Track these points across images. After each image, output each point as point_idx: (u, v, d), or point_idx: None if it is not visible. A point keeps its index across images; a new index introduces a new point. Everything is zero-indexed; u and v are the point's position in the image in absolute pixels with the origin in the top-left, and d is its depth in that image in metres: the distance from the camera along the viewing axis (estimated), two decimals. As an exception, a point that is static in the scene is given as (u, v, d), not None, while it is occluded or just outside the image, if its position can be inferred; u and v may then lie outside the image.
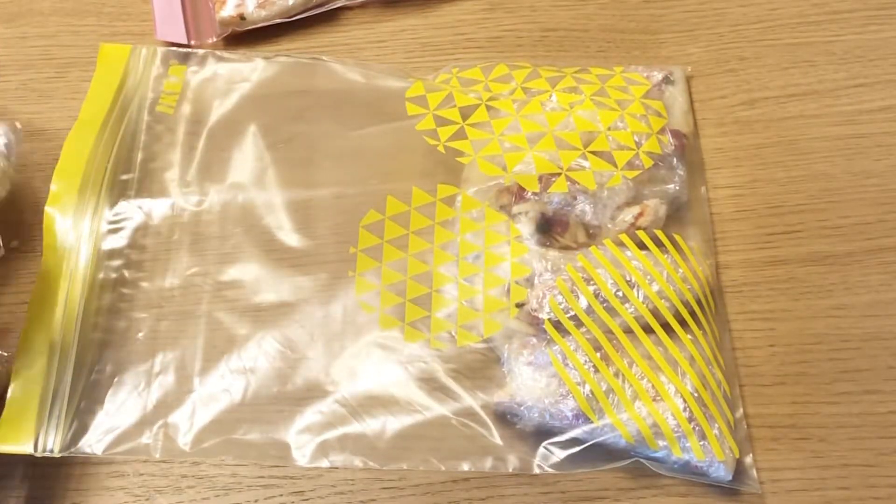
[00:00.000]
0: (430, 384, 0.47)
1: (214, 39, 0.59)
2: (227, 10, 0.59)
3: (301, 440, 0.45)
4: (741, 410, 0.46)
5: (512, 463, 0.45)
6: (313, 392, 0.47)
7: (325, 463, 0.45)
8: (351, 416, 0.46)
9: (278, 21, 0.59)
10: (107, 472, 0.46)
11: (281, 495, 0.45)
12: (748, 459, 0.45)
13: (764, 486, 0.45)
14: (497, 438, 0.45)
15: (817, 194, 0.53)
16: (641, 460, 0.44)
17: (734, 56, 0.59)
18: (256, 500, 0.45)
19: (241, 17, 0.59)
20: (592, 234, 0.50)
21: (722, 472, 0.44)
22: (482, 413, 0.46)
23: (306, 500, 0.45)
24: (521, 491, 0.45)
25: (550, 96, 0.54)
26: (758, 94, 0.57)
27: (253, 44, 0.59)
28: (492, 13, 0.61)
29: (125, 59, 0.56)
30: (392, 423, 0.46)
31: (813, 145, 0.55)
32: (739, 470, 0.45)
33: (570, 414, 0.44)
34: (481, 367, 0.47)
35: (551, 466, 0.44)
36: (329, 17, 0.61)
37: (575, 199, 0.50)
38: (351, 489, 0.45)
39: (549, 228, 0.50)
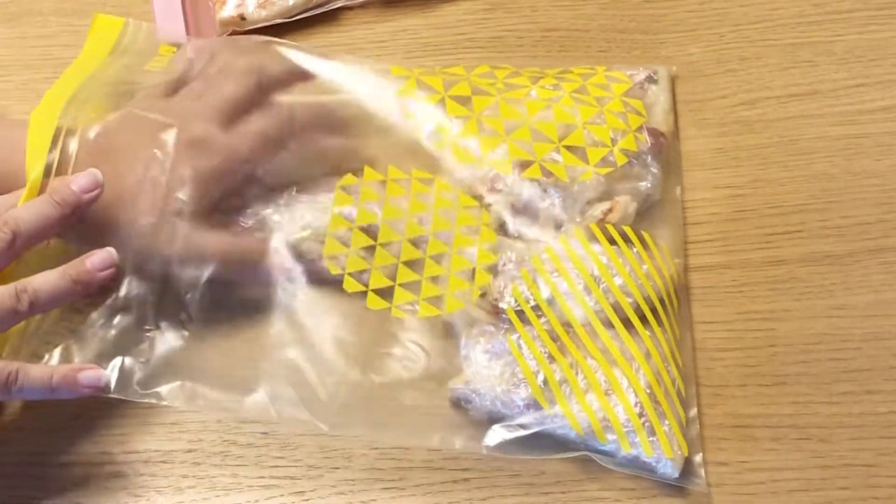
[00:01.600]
0: (388, 352, 0.47)
1: (214, 39, 0.59)
2: (228, 11, 0.59)
3: (257, 391, 0.45)
4: (695, 410, 0.46)
5: (459, 442, 0.45)
6: (269, 345, 0.47)
7: (272, 414, 0.45)
8: (305, 372, 0.46)
9: (278, 21, 0.59)
10: (106, 473, 0.46)
11: (281, 495, 0.45)
12: (697, 458, 0.45)
13: (765, 486, 0.45)
14: (449, 417, 0.46)
15: (817, 194, 0.53)
16: (590, 454, 0.45)
17: (734, 56, 0.59)
18: (257, 501, 0.45)
19: (242, 18, 0.59)
20: (561, 228, 0.50)
21: (669, 469, 0.44)
22: (438, 389, 0.46)
23: (306, 500, 0.45)
24: (521, 491, 0.45)
25: (530, 91, 0.53)
26: (758, 94, 0.57)
27: (253, 44, 0.59)
28: (492, 13, 0.61)
29: (118, 29, 0.55)
30: (344, 388, 0.46)
31: (813, 145, 0.55)
32: (688, 468, 0.45)
33: (521, 403, 0.45)
34: (441, 346, 0.47)
35: (497, 449, 0.45)
36: (329, 17, 0.61)
37: (545, 191, 0.50)
38: (351, 489, 0.45)
39: (519, 221, 0.50)
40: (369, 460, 0.46)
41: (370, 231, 0.49)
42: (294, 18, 0.60)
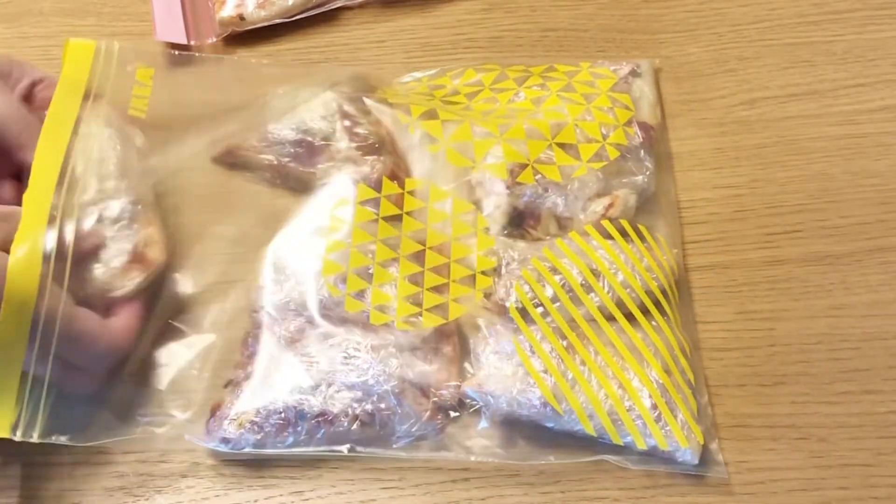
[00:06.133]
0: (394, 366, 0.46)
1: (214, 39, 0.59)
2: (227, 11, 0.59)
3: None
4: (706, 397, 0.47)
5: (475, 452, 0.45)
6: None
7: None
8: (319, 398, 0.45)
9: (278, 21, 0.59)
10: (107, 472, 0.46)
11: (281, 495, 0.45)
12: (714, 446, 0.45)
13: (764, 486, 0.45)
14: (461, 425, 0.46)
15: (817, 194, 0.53)
16: (606, 457, 0.45)
17: (734, 56, 0.59)
18: (256, 500, 0.45)
19: (241, 18, 0.59)
20: (564, 226, 0.50)
21: (688, 457, 0.44)
22: (448, 398, 0.46)
23: (306, 500, 0.45)
24: (520, 491, 0.45)
25: (517, 93, 0.54)
26: (758, 94, 0.57)
27: (253, 44, 0.60)
28: (491, 13, 0.61)
29: (90, 60, 0.51)
30: (354, 405, 0.45)
31: (813, 145, 0.55)
32: (706, 456, 0.45)
33: (537, 402, 0.44)
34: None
35: (514, 456, 0.45)
36: (329, 17, 0.61)
37: (546, 191, 0.50)
38: (350, 489, 0.45)
39: (522, 221, 0.50)
40: (369, 460, 0.46)
41: (366, 251, 0.49)
42: (293, 18, 0.60)
